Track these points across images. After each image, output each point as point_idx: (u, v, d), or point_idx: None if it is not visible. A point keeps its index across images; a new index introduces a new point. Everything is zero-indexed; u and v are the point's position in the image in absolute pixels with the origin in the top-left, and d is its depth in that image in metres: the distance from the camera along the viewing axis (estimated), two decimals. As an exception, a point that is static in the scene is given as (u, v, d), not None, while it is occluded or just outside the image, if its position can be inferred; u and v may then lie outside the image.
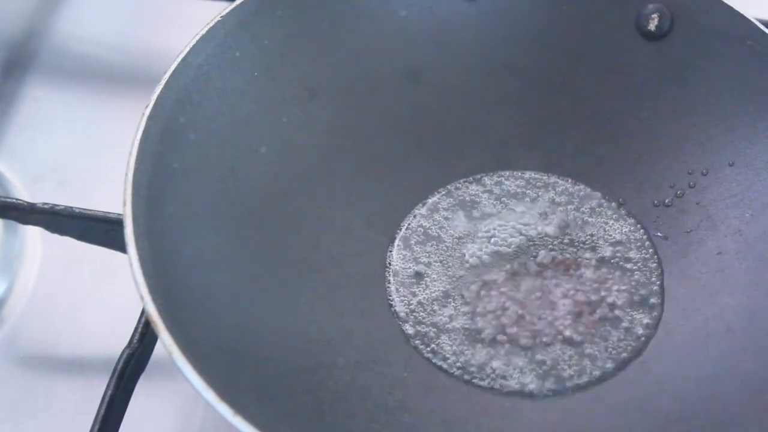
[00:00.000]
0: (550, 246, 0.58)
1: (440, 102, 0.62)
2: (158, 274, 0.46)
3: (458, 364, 0.54)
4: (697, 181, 0.58)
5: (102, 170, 0.67)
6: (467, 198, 0.61)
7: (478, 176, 0.62)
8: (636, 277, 0.57)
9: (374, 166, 0.60)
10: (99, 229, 0.55)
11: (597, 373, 0.53)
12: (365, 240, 0.59)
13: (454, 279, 0.57)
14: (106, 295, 0.62)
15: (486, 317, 0.56)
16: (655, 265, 0.57)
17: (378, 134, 0.61)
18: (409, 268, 0.58)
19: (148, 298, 0.45)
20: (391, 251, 0.59)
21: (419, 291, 0.57)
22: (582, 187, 0.61)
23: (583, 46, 0.61)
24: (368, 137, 0.61)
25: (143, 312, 0.52)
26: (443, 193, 0.61)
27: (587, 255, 0.58)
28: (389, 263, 0.58)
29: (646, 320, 0.55)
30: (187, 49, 0.53)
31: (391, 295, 0.57)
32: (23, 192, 0.66)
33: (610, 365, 0.54)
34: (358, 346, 0.54)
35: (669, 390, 0.52)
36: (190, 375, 0.43)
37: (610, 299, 0.56)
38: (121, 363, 0.52)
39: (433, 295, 0.57)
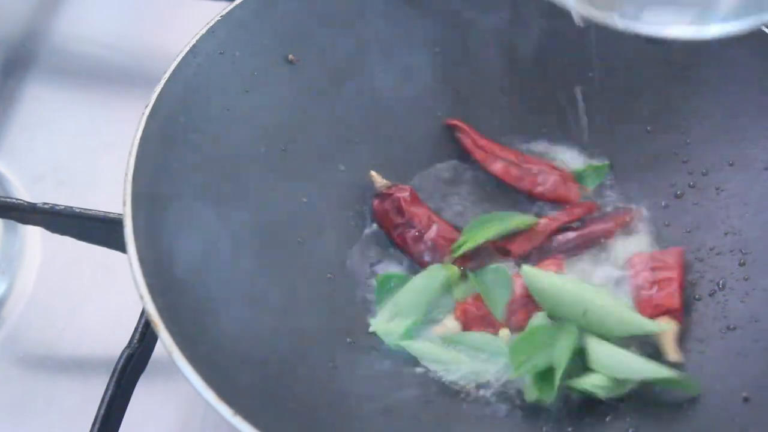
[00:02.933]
0: None
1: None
2: (158, 274, 0.46)
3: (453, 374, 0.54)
4: (697, 182, 0.58)
5: (102, 170, 0.67)
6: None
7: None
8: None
9: (376, 163, 0.60)
10: (99, 229, 0.55)
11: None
12: (365, 238, 0.59)
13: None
14: (106, 295, 0.62)
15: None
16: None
17: (377, 136, 0.61)
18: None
19: (148, 298, 0.45)
20: (387, 249, 0.59)
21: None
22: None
23: (582, 47, 0.60)
24: (368, 137, 0.61)
25: (143, 312, 0.52)
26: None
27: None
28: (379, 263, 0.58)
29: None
30: (187, 49, 0.54)
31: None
32: (23, 192, 0.67)
33: None
34: (356, 348, 0.54)
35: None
36: (190, 375, 0.43)
37: None
38: (121, 363, 0.52)
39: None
